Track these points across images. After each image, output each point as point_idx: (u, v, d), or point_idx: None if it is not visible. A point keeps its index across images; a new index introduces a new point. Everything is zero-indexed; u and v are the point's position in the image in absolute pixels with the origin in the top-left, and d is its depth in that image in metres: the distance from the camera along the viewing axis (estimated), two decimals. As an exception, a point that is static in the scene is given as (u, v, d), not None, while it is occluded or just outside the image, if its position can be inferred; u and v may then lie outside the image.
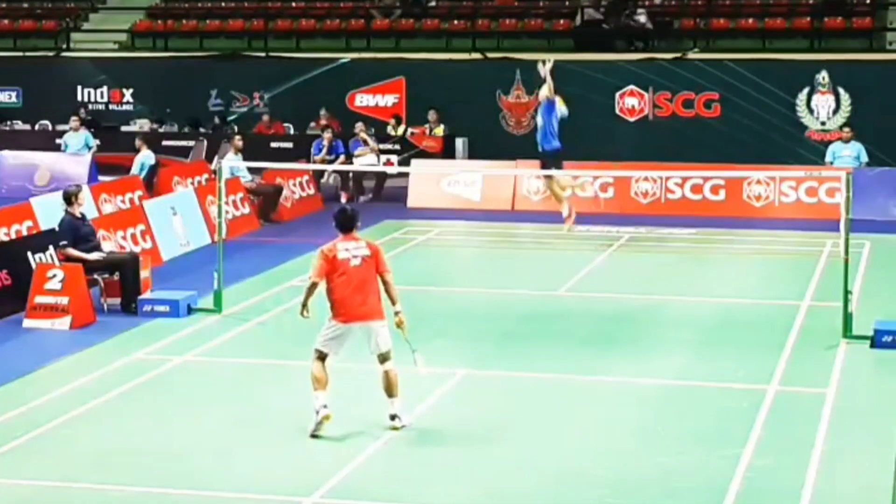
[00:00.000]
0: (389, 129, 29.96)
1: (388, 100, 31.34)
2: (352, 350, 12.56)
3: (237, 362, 15.06)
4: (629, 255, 21.76)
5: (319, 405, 12.06)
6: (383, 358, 12.34)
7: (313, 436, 12.05)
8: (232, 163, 23.46)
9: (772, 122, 28.93)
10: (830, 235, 20.16)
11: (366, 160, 27.44)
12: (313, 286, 12.28)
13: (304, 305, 12.31)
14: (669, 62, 29.99)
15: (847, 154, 26.08)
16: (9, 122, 32.70)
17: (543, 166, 22.42)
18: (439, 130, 29.67)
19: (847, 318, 15.62)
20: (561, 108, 22.10)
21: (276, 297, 17.81)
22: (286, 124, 31.53)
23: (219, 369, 14.84)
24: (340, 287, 12.15)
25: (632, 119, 29.95)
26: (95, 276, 17.35)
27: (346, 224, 12.38)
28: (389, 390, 12.34)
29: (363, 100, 31.50)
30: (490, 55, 31.32)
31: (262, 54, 32.73)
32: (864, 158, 26.09)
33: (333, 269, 12.17)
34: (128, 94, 33.10)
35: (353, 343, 12.55)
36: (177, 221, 21.79)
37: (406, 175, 26.84)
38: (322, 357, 12.24)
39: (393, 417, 12.40)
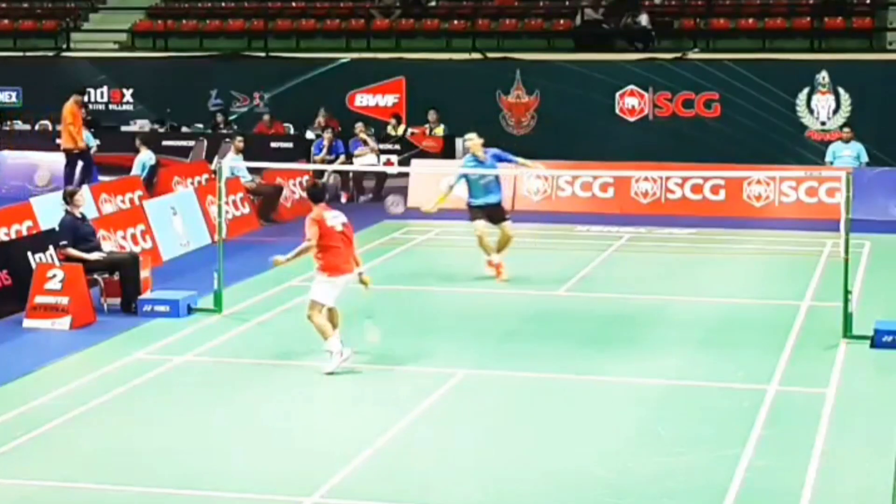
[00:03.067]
0: (389, 129, 29.96)
1: (388, 100, 31.34)
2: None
3: (237, 362, 15.04)
4: (629, 255, 21.75)
5: (339, 348, 13.91)
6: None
7: (330, 373, 13.81)
8: (232, 163, 23.45)
9: (772, 122, 28.90)
10: (830, 235, 20.14)
11: (366, 160, 27.44)
12: (309, 248, 14.27)
13: (288, 260, 14.73)
14: (669, 62, 29.97)
15: (847, 154, 26.09)
16: (9, 122, 32.69)
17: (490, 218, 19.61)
18: (439, 130, 29.66)
19: (847, 318, 15.61)
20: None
21: (276, 297, 17.79)
22: (286, 124, 31.52)
23: (219, 369, 14.83)
24: (332, 249, 14.18)
25: (632, 119, 29.93)
26: (95, 276, 17.34)
27: (319, 195, 14.75)
28: None
29: (363, 100, 31.49)
30: (490, 55, 31.30)
31: (262, 54, 32.71)
32: (864, 158, 26.10)
33: (324, 233, 14.16)
34: (128, 94, 33.08)
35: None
36: (177, 221, 21.79)
37: (406, 175, 26.84)
38: (321, 308, 14.03)
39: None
